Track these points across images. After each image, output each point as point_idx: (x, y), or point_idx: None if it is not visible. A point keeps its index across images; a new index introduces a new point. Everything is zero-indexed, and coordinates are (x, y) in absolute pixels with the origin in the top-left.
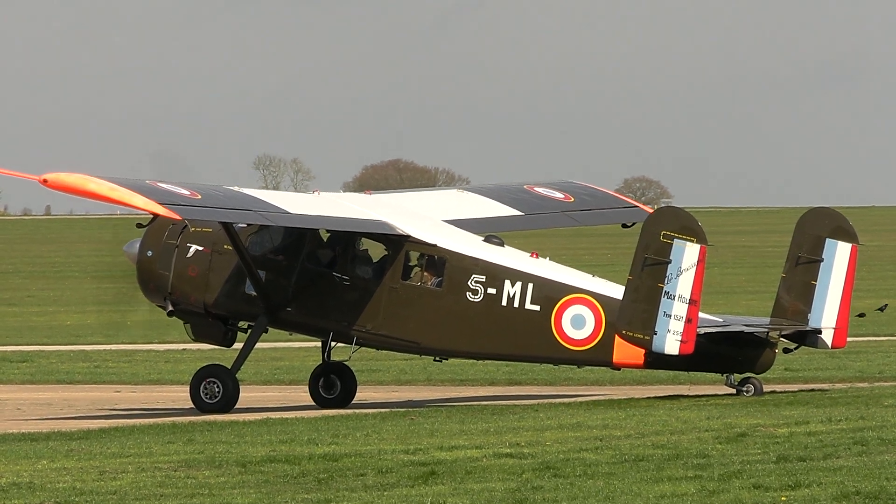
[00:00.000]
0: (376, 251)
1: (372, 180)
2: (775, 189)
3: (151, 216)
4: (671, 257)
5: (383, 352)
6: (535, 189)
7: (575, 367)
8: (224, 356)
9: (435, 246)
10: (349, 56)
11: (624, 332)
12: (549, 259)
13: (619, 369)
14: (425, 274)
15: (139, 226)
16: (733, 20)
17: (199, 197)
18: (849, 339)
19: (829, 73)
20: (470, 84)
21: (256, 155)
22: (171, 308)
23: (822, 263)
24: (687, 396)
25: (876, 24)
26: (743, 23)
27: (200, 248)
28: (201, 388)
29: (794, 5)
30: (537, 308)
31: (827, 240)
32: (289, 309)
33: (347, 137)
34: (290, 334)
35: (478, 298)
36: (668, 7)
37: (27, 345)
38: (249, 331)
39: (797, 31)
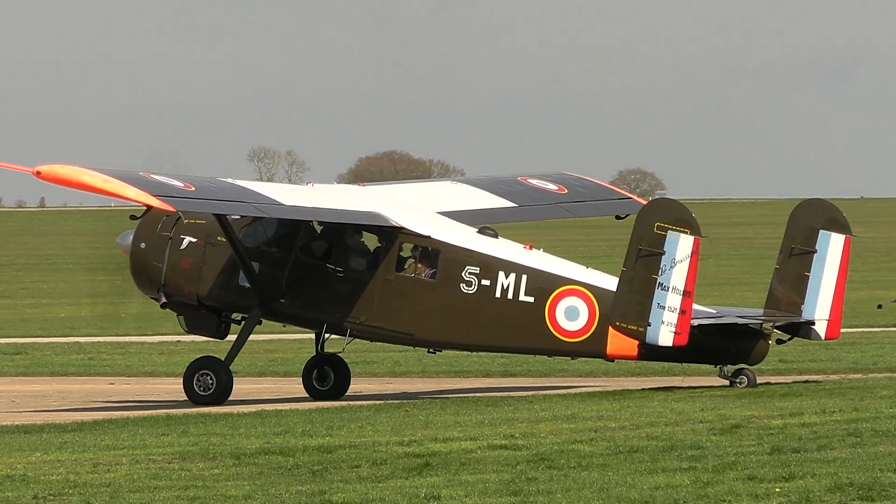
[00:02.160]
0: (370, 243)
1: (367, 172)
2: (770, 180)
3: (145, 208)
4: (665, 249)
5: (378, 344)
6: (529, 181)
7: (569, 358)
8: (218, 348)
9: (429, 238)
10: (344, 48)
11: (618, 323)
12: (544, 250)
13: (613, 361)
14: (419, 266)
15: (133, 217)
16: (727, 12)
17: (193, 189)
18: (843, 330)
19: (823, 65)
20: (465, 76)
21: (251, 147)
22: (164, 300)
23: (815, 255)
24: (681, 388)
25: (870, 16)
26: (737, 15)
27: (194, 240)
28: (195, 380)
29: None
30: (531, 300)
31: (820, 231)
32: (282, 301)
33: (342, 129)
34: (284, 326)
35: (472, 290)
36: None
37: (21, 337)
38: (243, 323)
39: (791, 23)
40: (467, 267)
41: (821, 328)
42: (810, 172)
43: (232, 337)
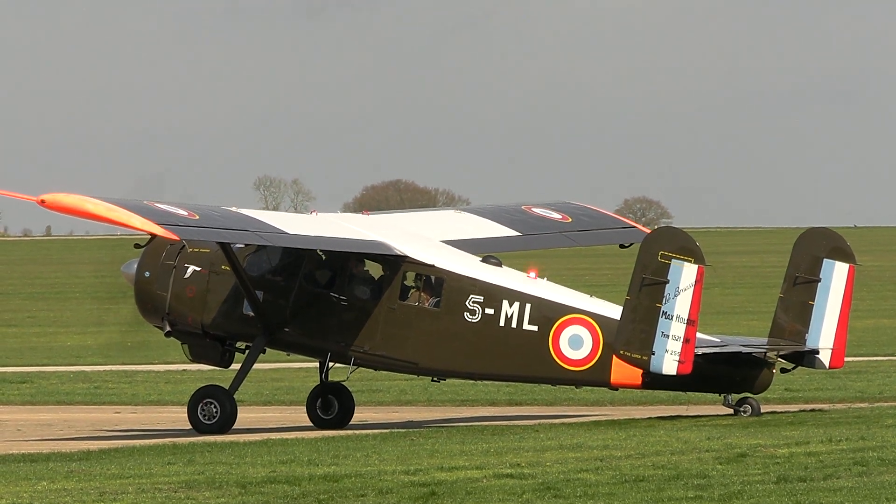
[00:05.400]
0: (374, 271)
1: (372, 201)
2: (775, 209)
3: (149, 236)
4: (669, 277)
5: (384, 372)
6: (533, 210)
7: (574, 387)
8: (224, 377)
9: (433, 266)
10: (349, 77)
11: (622, 352)
12: (548, 279)
13: (617, 389)
14: (423, 294)
15: (137, 246)
16: (732, 43)
17: (197, 217)
18: (848, 359)
19: (828, 93)
20: (470, 105)
21: (257, 176)
22: (168, 329)
23: (819, 283)
24: (687, 417)
25: (874, 46)
26: (742, 45)
27: (198, 269)
28: (199, 408)
29: (793, 29)
30: (535, 328)
31: (824, 260)
32: (286, 329)
33: (348, 158)
34: (289, 355)
35: (475, 319)
36: (668, 29)
37: (27, 366)
38: (247, 351)
39: (795, 53)
40: (471, 296)
41: (825, 357)
42: (815, 201)
43: (237, 365)
